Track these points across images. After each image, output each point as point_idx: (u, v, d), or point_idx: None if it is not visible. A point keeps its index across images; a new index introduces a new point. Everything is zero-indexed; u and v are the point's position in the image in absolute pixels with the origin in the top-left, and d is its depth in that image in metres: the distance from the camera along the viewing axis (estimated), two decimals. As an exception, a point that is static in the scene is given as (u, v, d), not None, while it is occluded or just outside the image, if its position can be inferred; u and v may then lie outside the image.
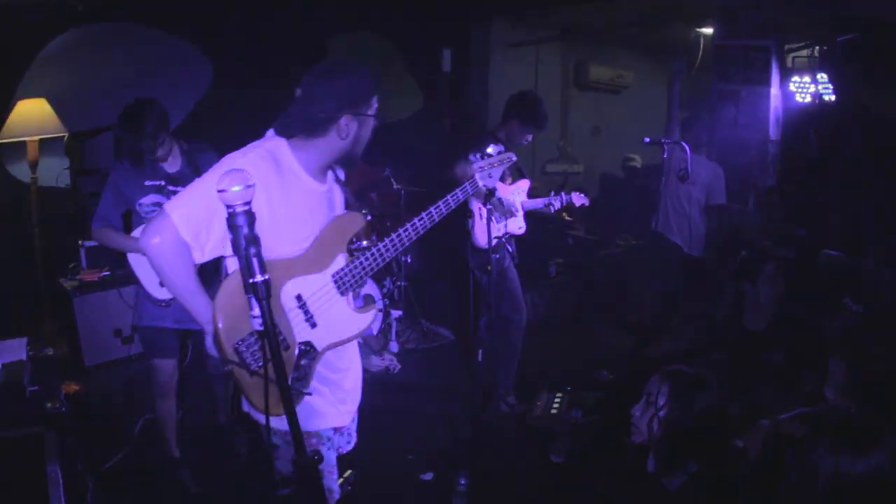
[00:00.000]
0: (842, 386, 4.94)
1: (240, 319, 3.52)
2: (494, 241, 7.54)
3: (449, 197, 4.21)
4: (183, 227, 3.48)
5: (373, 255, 3.92)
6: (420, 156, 10.18)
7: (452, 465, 6.81)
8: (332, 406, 4.05)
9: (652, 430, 4.61)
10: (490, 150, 4.98)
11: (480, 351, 6.72)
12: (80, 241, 8.74)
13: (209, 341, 3.69)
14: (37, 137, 8.35)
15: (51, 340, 8.45)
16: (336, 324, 3.88)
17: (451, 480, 6.41)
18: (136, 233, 5.80)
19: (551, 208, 8.18)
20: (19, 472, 4.78)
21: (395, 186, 10.12)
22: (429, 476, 6.78)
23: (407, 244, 4.01)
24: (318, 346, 3.86)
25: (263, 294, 2.89)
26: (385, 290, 10.06)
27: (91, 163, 8.38)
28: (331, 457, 4.13)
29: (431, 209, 4.11)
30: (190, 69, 10.39)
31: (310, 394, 3.85)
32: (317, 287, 3.81)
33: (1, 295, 8.42)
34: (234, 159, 3.57)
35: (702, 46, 11.62)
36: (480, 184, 4.61)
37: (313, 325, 3.84)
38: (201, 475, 6.47)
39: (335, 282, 3.86)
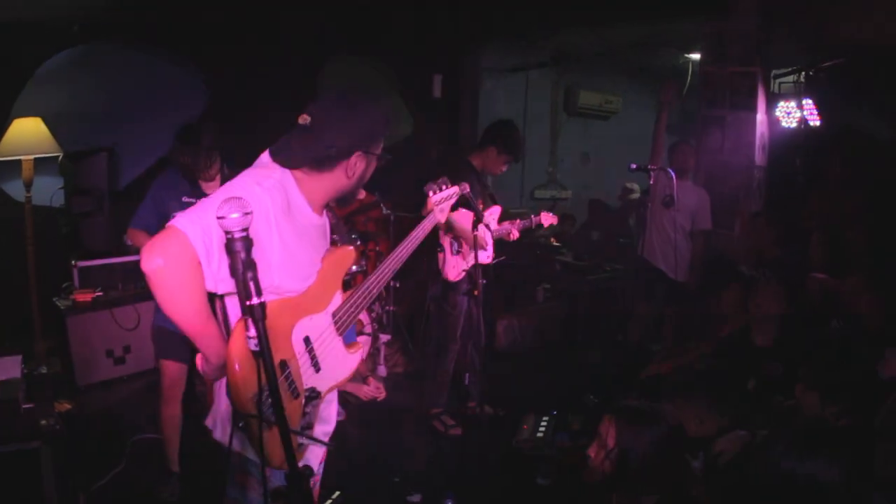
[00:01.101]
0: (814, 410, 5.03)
1: (254, 370, 3.10)
2: (462, 275, 7.66)
3: (413, 235, 4.33)
4: (199, 246, 3.12)
5: (363, 292, 3.91)
6: (410, 181, 10.23)
7: (439, 486, 6.86)
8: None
9: (605, 469, 4.62)
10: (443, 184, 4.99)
11: (466, 374, 6.80)
12: (73, 262, 8.77)
13: (210, 371, 3.46)
14: (32, 156, 8.37)
15: (43, 359, 8.49)
16: (335, 366, 3.81)
17: (438, 502, 6.46)
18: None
19: (513, 234, 8.18)
20: (16, 487, 4.84)
21: (384, 211, 10.14)
22: (416, 498, 6.79)
23: (387, 280, 4.06)
24: (322, 389, 3.72)
25: (259, 317, 2.90)
26: (373, 315, 10.11)
27: (85, 183, 8.41)
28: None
29: (398, 248, 4.17)
30: (185, 90, 10.44)
31: (326, 444, 3.89)
32: (321, 328, 3.73)
33: (-5, 314, 8.46)
34: (251, 187, 3.35)
35: (690, 72, 11.71)
36: (440, 217, 4.66)
37: (318, 369, 3.70)
38: (193, 493, 6.47)
39: (335, 321, 3.81)
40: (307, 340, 3.64)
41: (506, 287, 8.42)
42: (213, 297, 3.39)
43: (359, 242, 9.56)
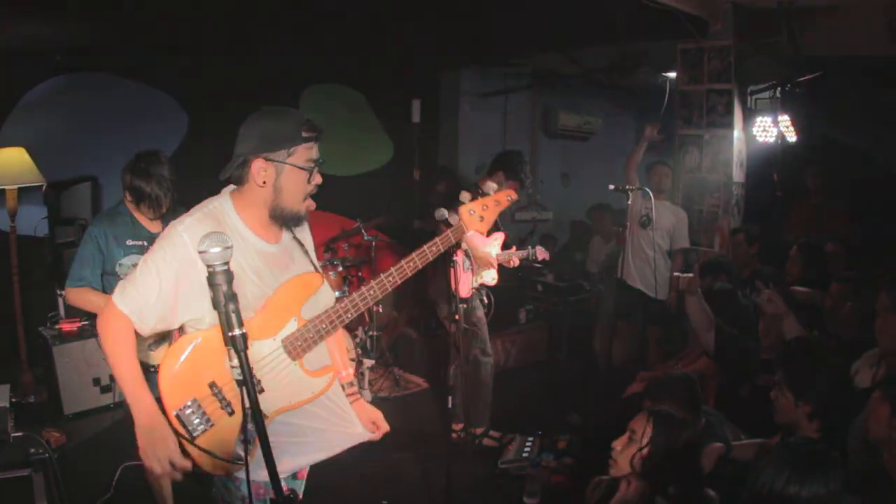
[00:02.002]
0: (786, 413, 5.08)
1: (182, 387, 3.64)
2: (472, 292, 7.74)
3: (408, 262, 4.10)
4: (134, 317, 3.64)
5: (328, 317, 3.87)
6: (390, 206, 10.28)
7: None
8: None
9: (633, 467, 4.70)
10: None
11: (450, 398, 6.85)
12: (58, 291, 8.79)
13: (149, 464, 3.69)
14: (15, 186, 8.41)
15: (31, 389, 8.51)
16: (287, 388, 3.83)
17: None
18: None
19: (513, 261, 8.28)
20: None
21: (365, 237, 10.20)
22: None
23: (366, 305, 3.98)
24: (267, 410, 3.71)
25: (242, 347, 3.00)
26: (357, 340, 10.13)
27: (69, 212, 8.43)
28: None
29: (393, 271, 4.02)
30: (166, 120, 10.49)
31: (241, 467, 3.78)
32: (265, 353, 3.74)
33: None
34: (174, 227, 3.64)
35: (667, 91, 11.78)
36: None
37: (260, 391, 3.55)
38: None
39: (285, 347, 3.79)
40: None
41: (488, 309, 8.46)
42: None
43: (340, 269, 9.61)
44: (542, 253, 8.43)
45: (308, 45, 10.51)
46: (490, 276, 8.21)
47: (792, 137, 9.91)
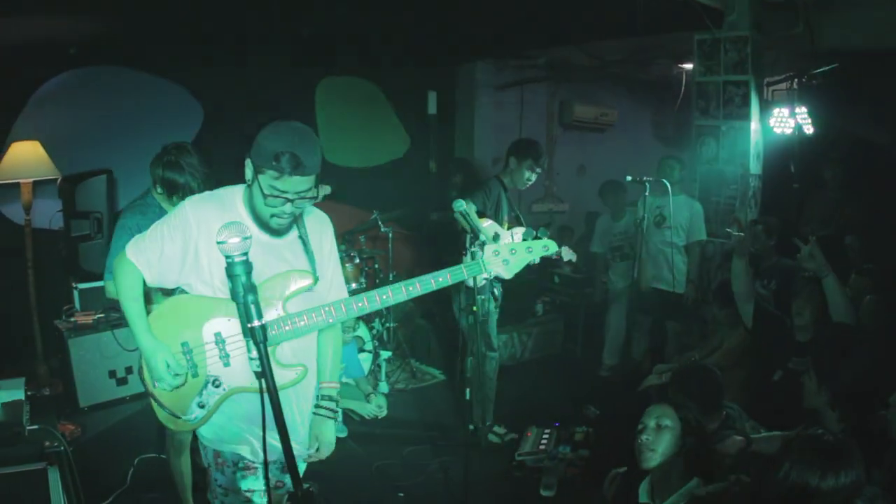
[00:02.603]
0: (812, 397, 5.06)
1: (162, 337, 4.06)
2: (483, 282, 7.67)
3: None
4: (141, 264, 4.02)
5: (306, 314, 3.97)
6: (407, 198, 10.25)
7: (443, 501, 6.89)
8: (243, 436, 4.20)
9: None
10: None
11: (468, 390, 6.81)
12: (74, 284, 8.78)
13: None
14: (30, 179, 8.41)
15: (46, 381, 8.51)
16: (250, 370, 3.71)
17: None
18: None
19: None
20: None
21: (382, 229, 10.21)
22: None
23: (344, 316, 4.06)
24: (226, 384, 4.06)
25: (261, 338, 3.07)
26: (374, 332, 10.12)
27: (84, 206, 8.40)
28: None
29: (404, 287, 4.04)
30: (181, 112, 10.49)
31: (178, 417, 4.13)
32: (239, 331, 3.91)
33: (-4, 335, 8.46)
34: (184, 201, 4.07)
35: (683, 82, 11.71)
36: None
37: (226, 364, 4.03)
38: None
39: None
40: (218, 335, 4.02)
41: (504, 301, 8.42)
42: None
43: (357, 260, 9.59)
44: (568, 253, 8.30)
45: (324, 35, 10.46)
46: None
47: (809, 129, 9.87)
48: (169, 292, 4.30)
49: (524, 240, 4.25)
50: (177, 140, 5.99)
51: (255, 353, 3.13)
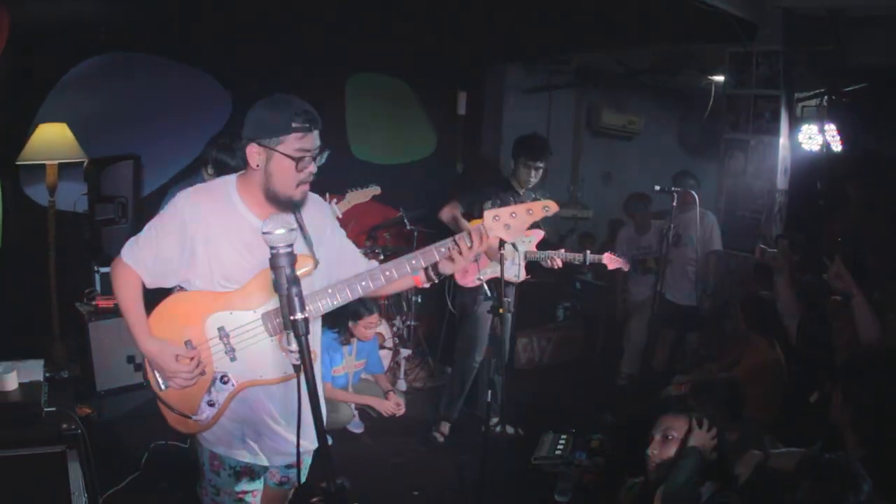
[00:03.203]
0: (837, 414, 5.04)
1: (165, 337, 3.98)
2: (478, 283, 7.63)
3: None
4: (139, 268, 3.99)
5: (342, 290, 3.99)
6: (433, 197, 10.25)
7: (458, 501, 6.88)
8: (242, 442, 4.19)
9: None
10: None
11: (489, 391, 6.79)
12: (95, 267, 8.79)
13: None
14: (56, 161, 8.41)
15: (63, 364, 8.51)
16: (259, 363, 3.96)
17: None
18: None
19: (555, 262, 8.02)
20: (41, 490, 4.86)
21: (408, 227, 10.22)
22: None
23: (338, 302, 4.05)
24: (235, 380, 4.01)
25: (303, 331, 3.01)
26: (395, 329, 10.13)
27: (109, 190, 8.40)
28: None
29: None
30: (210, 102, 10.49)
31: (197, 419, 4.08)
32: (242, 323, 3.94)
33: (16, 316, 8.45)
34: (179, 193, 4.02)
35: (712, 94, 11.68)
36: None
37: (232, 359, 3.98)
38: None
39: (263, 321, 3.95)
40: (221, 330, 3.96)
41: (526, 305, 8.42)
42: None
43: (382, 257, 9.61)
44: (613, 262, 8.14)
45: (355, 32, 10.47)
46: (512, 273, 7.98)
47: (837, 147, 9.83)
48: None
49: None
50: (204, 129, 6.11)
51: (294, 347, 3.06)
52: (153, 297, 4.04)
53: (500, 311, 6.52)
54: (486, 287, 7.78)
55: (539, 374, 10.45)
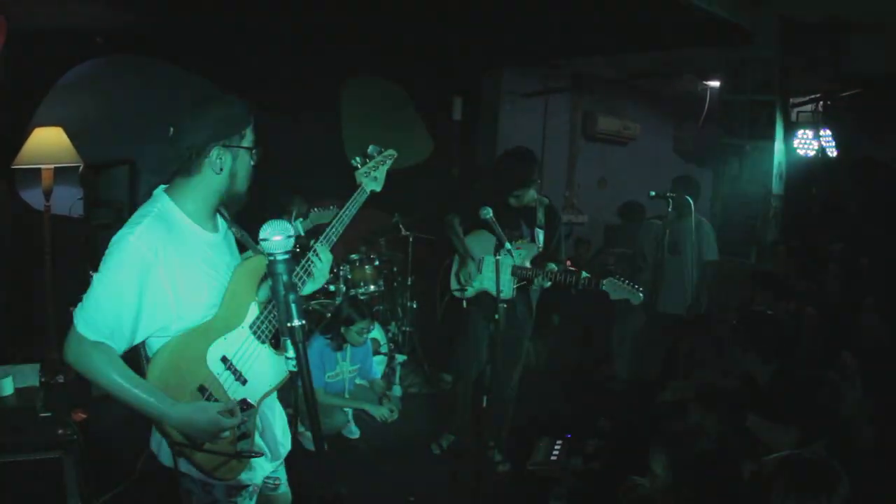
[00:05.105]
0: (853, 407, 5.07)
1: (176, 397, 3.56)
2: (511, 293, 7.57)
3: (343, 213, 4.27)
4: (100, 335, 3.45)
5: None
6: (429, 202, 10.25)
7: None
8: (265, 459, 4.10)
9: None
10: (370, 149, 4.87)
11: (484, 397, 6.78)
12: (91, 272, 8.76)
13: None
14: (52, 165, 8.40)
15: (58, 368, 8.51)
16: (265, 373, 3.87)
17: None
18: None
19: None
20: (37, 495, 4.85)
21: (403, 232, 10.25)
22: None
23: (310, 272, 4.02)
24: (254, 400, 3.84)
25: (300, 338, 2.97)
26: (390, 334, 10.13)
27: (105, 195, 8.39)
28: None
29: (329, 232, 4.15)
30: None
31: (260, 454, 3.94)
32: (239, 344, 3.77)
33: (11, 320, 8.46)
34: (124, 238, 3.49)
35: (707, 99, 11.71)
36: (367, 189, 4.54)
37: (244, 383, 3.80)
38: None
39: (254, 332, 3.82)
40: (224, 359, 3.74)
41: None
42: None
43: (377, 262, 9.61)
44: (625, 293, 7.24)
45: (352, 38, 10.48)
46: (504, 288, 7.19)
47: (832, 152, 9.86)
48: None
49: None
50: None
51: (292, 353, 2.99)
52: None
53: (496, 318, 6.48)
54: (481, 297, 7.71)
55: (534, 380, 10.45)
